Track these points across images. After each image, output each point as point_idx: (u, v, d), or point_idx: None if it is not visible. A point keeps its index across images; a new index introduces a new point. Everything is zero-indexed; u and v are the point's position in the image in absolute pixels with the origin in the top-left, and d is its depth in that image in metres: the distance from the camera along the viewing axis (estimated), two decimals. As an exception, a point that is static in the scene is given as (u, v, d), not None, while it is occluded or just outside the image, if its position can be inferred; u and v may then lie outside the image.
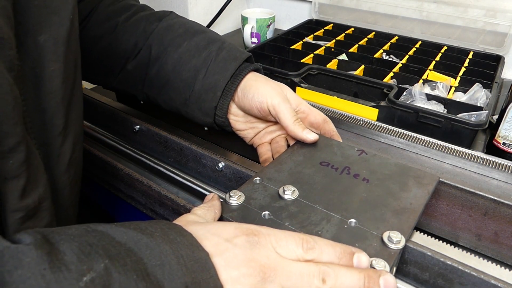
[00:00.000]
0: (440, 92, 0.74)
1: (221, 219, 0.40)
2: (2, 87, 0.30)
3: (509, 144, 0.60)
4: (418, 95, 0.70)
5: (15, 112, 0.31)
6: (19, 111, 0.32)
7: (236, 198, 0.41)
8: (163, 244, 0.29)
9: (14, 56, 0.32)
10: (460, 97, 0.73)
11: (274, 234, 0.33)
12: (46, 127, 0.37)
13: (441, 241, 0.43)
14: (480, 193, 0.46)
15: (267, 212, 0.40)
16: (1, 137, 0.30)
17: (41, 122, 0.37)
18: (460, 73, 0.81)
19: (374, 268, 0.34)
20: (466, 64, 0.85)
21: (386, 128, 0.58)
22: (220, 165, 0.54)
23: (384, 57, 0.92)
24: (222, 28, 1.20)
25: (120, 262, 0.26)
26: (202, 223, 0.35)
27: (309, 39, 0.99)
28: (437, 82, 0.76)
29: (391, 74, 0.79)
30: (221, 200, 0.42)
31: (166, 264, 0.28)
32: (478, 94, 0.72)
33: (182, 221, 0.36)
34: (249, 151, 0.64)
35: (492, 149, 0.62)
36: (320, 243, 0.34)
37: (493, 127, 0.63)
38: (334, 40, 0.97)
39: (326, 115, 0.61)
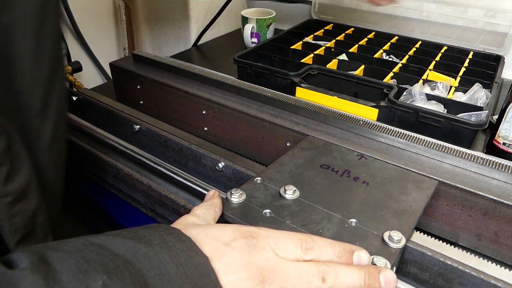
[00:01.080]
0: (440, 92, 0.74)
1: (222, 216, 0.40)
2: None
3: (509, 144, 0.60)
4: (418, 95, 0.70)
5: None
6: None
7: (237, 196, 0.42)
8: (162, 253, 0.28)
9: None
10: (460, 97, 0.73)
11: (272, 235, 0.33)
12: (22, 110, 0.36)
13: (441, 241, 0.43)
14: (480, 193, 0.46)
15: (268, 210, 0.40)
16: None
17: (17, 105, 0.36)
18: (460, 73, 0.81)
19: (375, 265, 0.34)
20: (466, 64, 0.85)
21: (386, 128, 0.58)
22: (220, 165, 0.54)
23: (384, 57, 0.92)
24: (222, 28, 1.20)
25: (118, 276, 0.26)
26: (201, 226, 0.35)
27: (309, 39, 0.99)
28: (437, 82, 0.76)
29: (391, 74, 0.79)
30: (223, 197, 0.42)
31: (165, 274, 0.27)
32: (478, 94, 0.72)
33: (181, 223, 0.36)
34: (249, 151, 0.64)
35: (492, 149, 0.62)
36: (319, 242, 0.33)
37: (493, 127, 0.63)
38: (334, 40, 0.97)
39: (326, 115, 0.62)
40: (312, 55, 0.88)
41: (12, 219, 0.33)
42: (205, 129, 0.69)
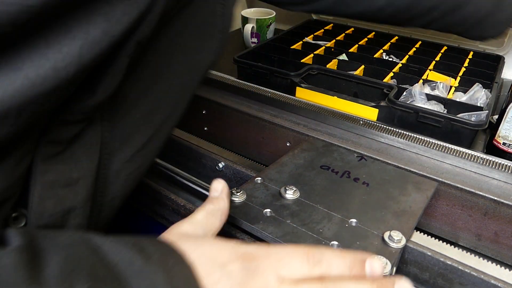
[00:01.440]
0: (440, 92, 0.74)
1: None
2: (120, 75, 0.29)
3: (509, 144, 0.60)
4: (418, 95, 0.70)
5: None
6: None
7: (238, 196, 0.42)
8: (158, 273, 0.26)
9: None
10: (460, 97, 0.73)
11: (274, 253, 0.30)
12: (119, 112, 0.34)
13: (441, 241, 0.43)
14: (480, 193, 0.46)
15: (268, 210, 0.40)
16: (78, 111, 0.29)
17: (118, 108, 0.34)
18: (460, 73, 0.81)
19: None
20: (466, 64, 0.85)
21: (386, 128, 0.58)
22: (220, 165, 0.54)
23: (384, 57, 0.92)
24: (222, 28, 1.20)
25: None
26: (196, 239, 0.32)
27: (309, 39, 0.99)
28: (437, 82, 0.76)
29: (391, 74, 0.79)
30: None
31: None
32: (478, 94, 0.72)
33: (174, 233, 0.32)
34: (249, 151, 0.64)
35: (492, 149, 0.62)
36: (328, 254, 0.30)
37: (493, 127, 0.63)
38: (334, 40, 0.97)
39: (326, 115, 0.62)
40: (312, 55, 0.88)
41: (44, 201, 0.30)
42: (205, 129, 0.69)
